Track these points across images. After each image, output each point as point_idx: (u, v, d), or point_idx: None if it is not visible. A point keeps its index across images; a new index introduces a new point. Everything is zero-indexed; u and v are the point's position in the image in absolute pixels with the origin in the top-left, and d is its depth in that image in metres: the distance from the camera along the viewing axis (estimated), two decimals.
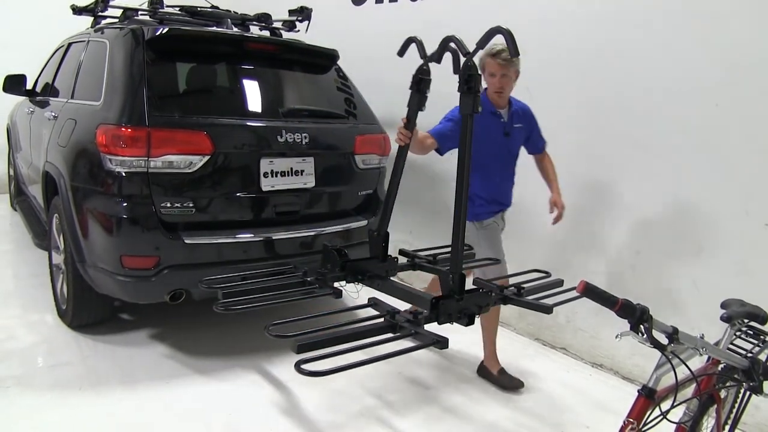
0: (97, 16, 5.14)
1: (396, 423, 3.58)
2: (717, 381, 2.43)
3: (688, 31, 3.86)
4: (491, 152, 3.87)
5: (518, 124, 3.98)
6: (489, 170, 3.91)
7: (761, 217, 3.64)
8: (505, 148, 3.97)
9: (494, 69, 3.73)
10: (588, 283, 1.95)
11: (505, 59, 3.65)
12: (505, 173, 4.06)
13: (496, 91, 3.81)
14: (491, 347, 4.14)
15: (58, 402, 3.52)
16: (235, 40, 4.58)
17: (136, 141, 3.69)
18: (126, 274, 3.80)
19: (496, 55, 3.67)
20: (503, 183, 4.07)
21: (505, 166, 4.04)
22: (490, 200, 4.00)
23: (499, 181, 4.02)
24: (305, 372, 2.22)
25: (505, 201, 4.11)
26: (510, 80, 3.80)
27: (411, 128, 3.39)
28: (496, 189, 4.02)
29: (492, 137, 3.85)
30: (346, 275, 3.42)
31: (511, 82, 3.82)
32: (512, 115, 3.95)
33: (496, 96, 3.84)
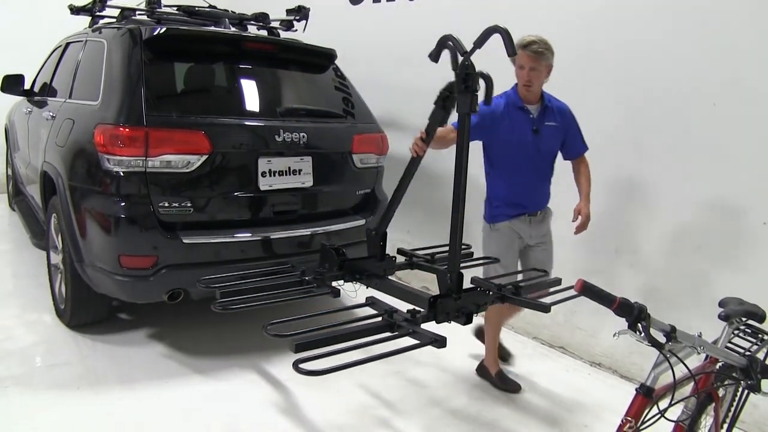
0: (94, 16, 5.14)
1: (394, 422, 3.58)
2: (715, 379, 2.44)
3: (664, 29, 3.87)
4: (517, 150, 3.68)
5: (551, 122, 3.73)
6: (514, 170, 3.73)
7: (760, 216, 3.64)
8: (534, 146, 3.69)
9: (524, 61, 3.55)
10: (586, 281, 1.95)
11: (536, 51, 3.50)
12: (533, 174, 3.78)
13: (524, 85, 3.63)
14: (492, 348, 4.11)
15: (57, 402, 3.52)
16: (233, 39, 4.57)
17: (133, 141, 3.69)
18: (124, 273, 3.79)
19: (526, 47, 3.51)
20: (531, 185, 3.80)
21: (533, 166, 3.76)
22: (510, 202, 3.78)
23: (526, 183, 3.77)
24: (303, 371, 2.22)
25: (528, 204, 3.81)
26: (540, 74, 3.60)
27: (428, 142, 3.28)
28: (520, 191, 3.77)
29: (518, 134, 3.67)
30: (344, 274, 3.42)
31: (542, 76, 3.62)
32: (544, 112, 3.72)
33: (525, 90, 3.65)
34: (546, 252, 3.93)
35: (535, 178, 3.80)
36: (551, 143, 3.77)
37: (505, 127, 3.63)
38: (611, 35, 4.26)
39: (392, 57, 6.11)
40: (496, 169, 3.79)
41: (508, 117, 3.65)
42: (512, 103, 3.67)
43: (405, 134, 6.00)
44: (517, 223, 3.79)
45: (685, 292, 3.99)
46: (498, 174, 3.78)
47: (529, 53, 3.51)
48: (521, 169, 3.73)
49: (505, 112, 3.65)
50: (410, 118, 6.02)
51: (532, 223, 3.83)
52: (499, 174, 3.78)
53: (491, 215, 3.84)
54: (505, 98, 3.70)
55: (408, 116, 6.02)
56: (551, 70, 3.63)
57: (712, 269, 3.87)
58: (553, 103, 3.78)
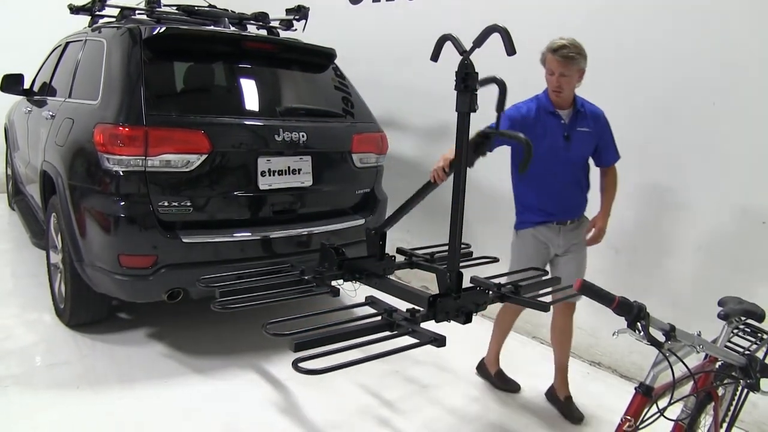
0: (94, 16, 5.14)
1: (394, 421, 3.58)
2: (714, 378, 2.44)
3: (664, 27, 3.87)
4: (547, 156, 3.47)
5: (583, 127, 3.54)
6: (543, 176, 3.54)
7: (759, 215, 3.65)
8: (564, 152, 3.52)
9: (553, 66, 3.38)
10: (585, 280, 1.96)
11: (566, 56, 3.31)
12: (564, 181, 3.59)
13: (554, 91, 3.46)
14: (496, 348, 4.09)
15: (57, 401, 3.52)
16: (233, 39, 4.57)
17: (133, 140, 3.69)
18: (124, 273, 3.80)
19: (556, 51, 3.34)
20: (561, 192, 3.61)
21: (564, 173, 3.58)
22: (538, 209, 3.63)
23: (555, 190, 3.59)
24: (303, 370, 2.22)
25: (557, 211, 3.63)
26: (571, 80, 3.40)
27: (449, 174, 3.13)
28: (549, 198, 3.60)
29: (549, 140, 3.48)
30: (344, 274, 3.42)
31: (573, 81, 3.43)
32: (575, 117, 3.54)
33: (555, 96, 3.48)
34: (574, 262, 3.70)
35: (566, 185, 3.62)
36: (583, 150, 3.61)
37: (535, 133, 3.40)
38: (611, 34, 4.26)
39: (392, 56, 6.11)
40: (525, 175, 3.58)
41: (539, 122, 3.50)
42: (543, 107, 3.52)
43: (404, 134, 6.02)
44: (544, 231, 3.63)
45: (684, 291, 3.99)
46: (527, 180, 3.62)
47: (559, 58, 3.34)
48: (551, 176, 3.55)
49: (537, 117, 3.51)
50: (410, 118, 6.03)
51: (562, 232, 3.64)
52: (527, 180, 3.62)
53: (517, 222, 3.73)
54: (536, 102, 3.55)
55: (407, 116, 6.03)
56: (584, 74, 3.45)
57: (711, 269, 3.87)
58: (586, 107, 3.60)
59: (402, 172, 5.98)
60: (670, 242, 4.08)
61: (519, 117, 3.43)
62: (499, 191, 5.11)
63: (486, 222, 5.16)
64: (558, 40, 3.35)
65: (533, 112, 3.52)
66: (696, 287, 3.94)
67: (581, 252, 3.73)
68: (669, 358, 2.02)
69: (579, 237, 3.69)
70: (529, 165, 3.46)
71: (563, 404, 3.83)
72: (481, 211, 5.07)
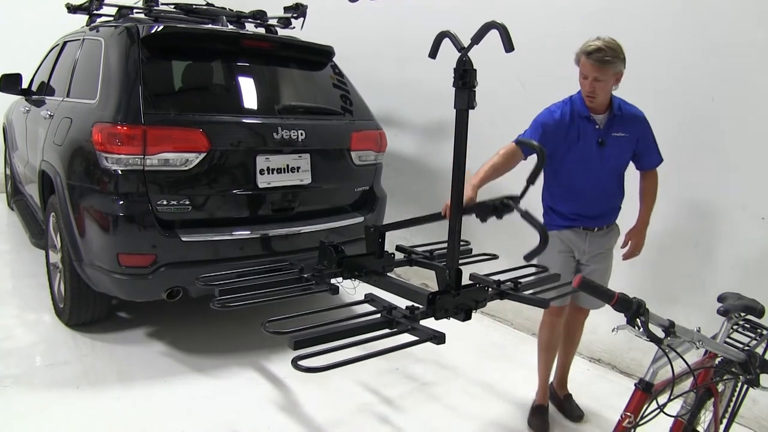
0: (92, 15, 5.13)
1: (394, 419, 3.58)
2: (714, 374, 2.44)
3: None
4: (579, 162, 3.35)
5: (619, 132, 3.33)
6: (574, 182, 3.41)
7: (758, 211, 3.64)
8: (598, 159, 3.34)
9: (587, 71, 3.19)
10: (584, 277, 1.96)
11: (601, 60, 3.10)
12: (596, 188, 3.41)
13: (587, 95, 3.27)
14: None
15: (57, 401, 3.52)
16: (231, 37, 4.56)
17: (131, 139, 3.69)
18: (123, 272, 3.80)
19: (590, 55, 3.13)
20: (592, 199, 3.43)
21: (596, 179, 3.39)
22: (566, 214, 3.47)
23: (586, 196, 3.42)
24: (302, 368, 2.22)
25: (586, 218, 3.46)
26: (606, 85, 3.20)
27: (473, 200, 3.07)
28: (578, 204, 3.44)
29: (582, 145, 3.33)
30: (343, 271, 3.41)
31: (608, 86, 3.22)
32: (612, 122, 3.33)
33: (588, 100, 3.29)
34: (597, 273, 3.50)
35: (598, 191, 3.43)
36: (618, 156, 3.41)
37: (568, 138, 3.33)
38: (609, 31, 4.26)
39: (390, 54, 6.10)
40: (555, 179, 3.47)
41: (572, 127, 3.33)
42: (577, 111, 3.33)
43: (403, 131, 6.02)
44: (570, 235, 3.48)
45: (683, 287, 3.99)
46: (557, 184, 3.48)
47: (593, 62, 3.13)
48: (582, 182, 3.40)
49: (570, 121, 3.33)
50: (408, 115, 6.03)
51: (588, 238, 3.48)
52: (557, 184, 3.47)
53: (545, 223, 3.47)
54: (570, 105, 3.36)
55: (406, 113, 6.03)
56: (621, 77, 3.24)
57: (710, 265, 3.87)
58: (624, 110, 3.37)
59: (401, 170, 5.99)
60: (668, 238, 4.08)
61: (552, 123, 3.30)
62: (498, 188, 5.11)
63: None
64: (593, 41, 3.15)
65: (567, 117, 3.34)
66: (695, 283, 3.93)
67: (606, 262, 3.58)
68: (668, 354, 2.02)
69: (606, 245, 3.53)
70: (561, 170, 3.40)
71: (563, 402, 3.82)
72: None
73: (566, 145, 3.31)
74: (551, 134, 3.28)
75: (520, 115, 4.87)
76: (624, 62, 3.19)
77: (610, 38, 3.15)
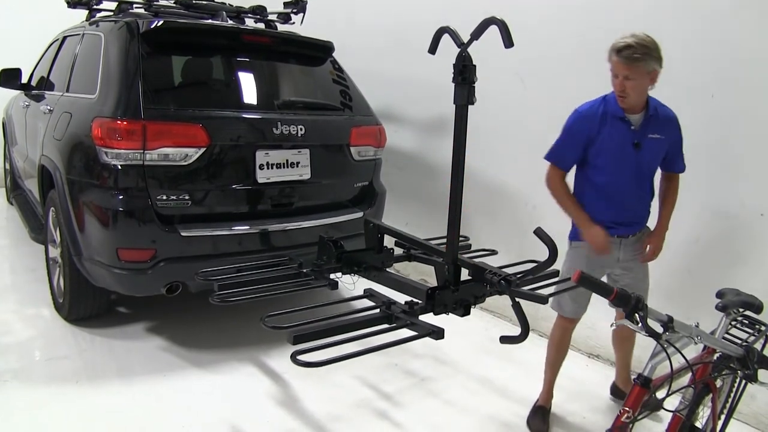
0: (92, 9, 5.12)
1: (392, 414, 3.59)
2: (712, 370, 2.45)
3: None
4: (613, 166, 3.24)
5: (655, 134, 3.20)
6: (608, 187, 3.28)
7: (757, 207, 3.65)
8: (634, 162, 3.22)
9: (617, 69, 3.07)
10: (583, 272, 1.96)
11: (630, 58, 2.97)
12: (630, 192, 3.31)
13: (618, 95, 3.14)
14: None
15: (56, 395, 3.53)
16: (230, 32, 4.56)
17: (131, 134, 3.69)
18: (122, 266, 3.80)
19: (619, 52, 3.01)
20: (626, 204, 3.33)
21: (630, 183, 3.28)
22: (599, 222, 3.30)
23: (620, 201, 3.31)
24: (301, 363, 2.22)
25: (619, 224, 3.34)
26: (639, 84, 3.06)
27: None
28: (612, 210, 3.31)
29: (617, 147, 3.20)
30: (342, 267, 3.41)
31: (642, 85, 3.08)
32: (647, 123, 3.20)
33: (620, 100, 3.15)
34: (633, 278, 3.43)
35: (632, 196, 3.33)
36: (653, 159, 3.30)
37: (599, 140, 3.22)
38: (608, 26, 4.26)
39: (390, 50, 6.10)
40: (588, 184, 3.35)
41: (605, 128, 3.21)
42: (612, 112, 3.20)
43: (403, 127, 6.02)
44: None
45: (682, 283, 3.99)
46: (589, 189, 3.35)
47: (623, 60, 3.01)
48: (616, 187, 3.28)
49: (603, 122, 3.21)
50: (408, 111, 6.03)
51: (622, 245, 3.38)
52: (590, 190, 3.35)
53: (573, 231, 3.45)
54: (604, 105, 3.24)
55: (406, 109, 6.03)
56: (657, 76, 3.09)
57: (709, 261, 3.87)
58: (659, 111, 3.25)
59: (400, 165, 5.99)
60: (668, 234, 4.07)
61: (581, 129, 3.24)
62: (497, 184, 5.12)
63: (484, 215, 5.16)
64: (622, 38, 3.02)
65: (597, 118, 3.23)
66: (694, 279, 3.94)
67: (643, 267, 3.49)
68: (667, 350, 2.02)
69: (639, 250, 3.45)
70: (594, 174, 3.30)
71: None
72: (479, 204, 5.07)
73: (598, 148, 3.22)
74: (583, 139, 3.23)
75: (520, 110, 4.90)
76: (659, 61, 3.04)
77: (644, 35, 3.02)
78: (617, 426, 2.13)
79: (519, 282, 2.82)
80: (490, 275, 2.82)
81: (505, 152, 5.05)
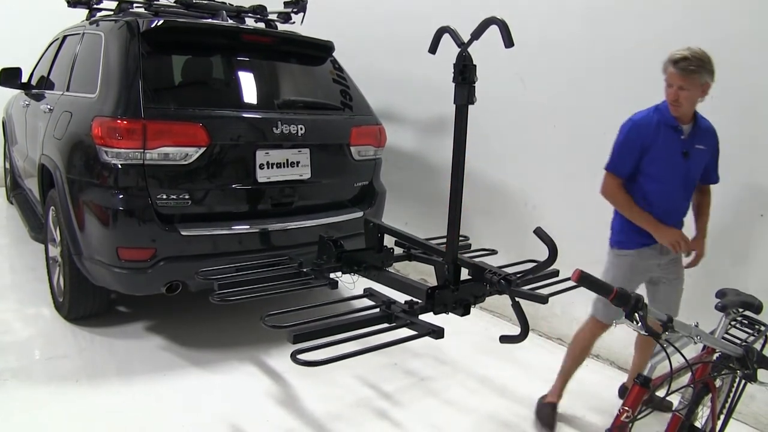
0: (92, 9, 5.12)
1: (392, 413, 3.59)
2: (712, 370, 2.45)
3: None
4: (665, 173, 3.30)
5: (701, 145, 3.32)
6: (656, 195, 3.33)
7: (757, 208, 3.65)
8: (682, 170, 3.30)
9: (672, 79, 3.15)
10: (583, 271, 1.96)
11: (685, 69, 3.07)
12: (675, 201, 3.39)
13: (671, 103, 3.21)
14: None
15: (56, 394, 3.53)
16: (231, 32, 4.57)
17: (131, 133, 3.69)
18: (122, 266, 3.80)
19: (676, 64, 3.10)
20: (671, 212, 3.39)
21: (677, 192, 3.36)
22: (644, 232, 3.35)
23: (666, 210, 3.36)
24: (301, 362, 2.23)
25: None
26: (692, 95, 3.15)
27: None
28: (660, 217, 3.34)
29: (669, 156, 3.27)
30: (342, 266, 3.42)
31: (694, 97, 3.17)
32: (695, 133, 3.31)
33: (673, 109, 3.23)
34: (671, 288, 3.51)
35: (677, 204, 3.41)
36: (698, 168, 3.39)
37: (655, 149, 3.27)
38: (609, 27, 4.26)
39: (390, 49, 6.10)
40: (637, 191, 3.37)
41: (659, 137, 3.27)
42: (665, 120, 3.27)
43: (403, 127, 6.02)
44: (647, 252, 3.40)
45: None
46: (638, 197, 3.36)
47: (679, 71, 3.10)
48: (666, 195, 3.34)
49: (657, 131, 3.27)
50: (408, 111, 6.03)
51: (662, 252, 3.41)
52: (639, 197, 3.36)
53: (618, 240, 3.48)
54: (657, 114, 3.30)
55: (406, 109, 6.03)
56: (708, 89, 3.18)
57: (709, 261, 3.86)
58: (702, 123, 3.36)
59: (400, 165, 5.99)
60: None
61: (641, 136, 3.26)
62: (497, 184, 5.13)
63: (484, 214, 5.17)
64: (679, 50, 3.13)
65: (653, 126, 3.28)
66: (694, 279, 3.93)
67: (682, 275, 3.55)
68: (666, 349, 2.03)
69: (680, 258, 3.50)
70: (643, 183, 3.33)
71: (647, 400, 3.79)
72: (479, 204, 5.07)
73: (651, 156, 3.27)
74: (638, 148, 3.27)
75: (520, 110, 4.90)
76: (712, 74, 3.14)
77: (699, 49, 3.12)
78: (617, 425, 2.13)
79: (519, 282, 2.83)
80: (489, 275, 2.83)
81: (505, 152, 5.05)
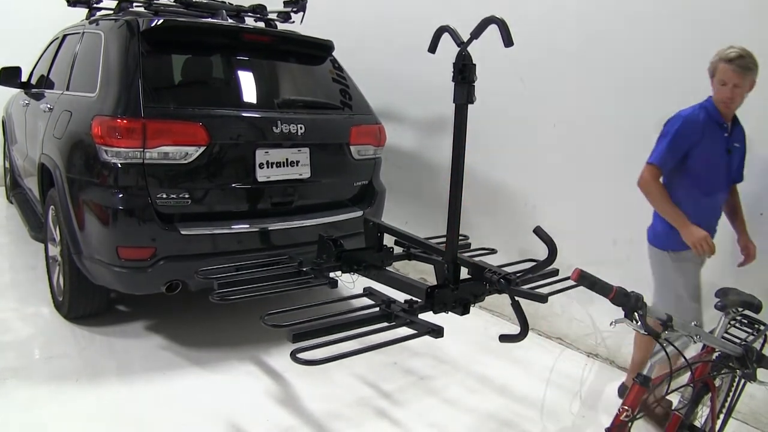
0: (92, 8, 5.12)
1: (391, 412, 3.59)
2: (711, 369, 2.45)
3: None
4: (711, 170, 3.33)
5: (737, 142, 3.39)
6: (703, 192, 3.36)
7: (756, 207, 3.65)
8: (725, 167, 3.37)
9: (727, 77, 3.16)
10: (582, 271, 1.96)
11: (743, 67, 3.11)
12: (718, 198, 3.44)
13: (724, 102, 3.24)
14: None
15: (55, 394, 3.52)
16: (230, 31, 4.57)
17: (131, 132, 3.69)
18: (122, 265, 3.80)
19: (731, 61, 3.12)
20: (715, 209, 3.47)
21: (720, 188, 3.42)
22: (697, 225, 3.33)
23: (711, 206, 3.43)
24: (301, 361, 2.23)
25: (712, 227, 3.45)
26: (743, 92, 3.20)
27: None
28: (708, 213, 3.41)
29: (715, 153, 3.32)
30: (342, 265, 3.42)
31: (744, 93, 3.22)
32: (734, 131, 3.38)
33: (724, 107, 3.27)
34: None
35: (718, 200, 3.46)
36: (738, 165, 3.45)
37: (703, 146, 3.30)
38: (605, 27, 4.26)
39: (390, 48, 6.10)
40: (681, 187, 3.39)
41: (706, 134, 3.30)
42: (712, 118, 3.31)
43: (402, 126, 6.02)
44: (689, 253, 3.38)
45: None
46: (684, 195, 3.38)
47: (736, 69, 3.13)
48: (709, 192, 3.39)
49: (705, 128, 3.29)
50: (408, 110, 6.03)
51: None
52: (685, 195, 3.38)
53: (665, 240, 3.46)
54: (705, 112, 3.32)
55: (405, 108, 6.03)
56: (754, 85, 3.24)
57: (709, 260, 3.87)
58: (738, 121, 3.44)
59: (400, 164, 5.99)
60: None
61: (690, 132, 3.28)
62: (497, 183, 5.13)
63: (484, 214, 5.17)
64: (733, 48, 3.16)
65: (701, 123, 3.30)
66: None
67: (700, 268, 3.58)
68: (666, 348, 2.03)
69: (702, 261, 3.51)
70: (691, 180, 3.35)
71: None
72: (478, 203, 5.07)
73: (699, 153, 3.28)
74: (685, 145, 3.29)
75: (519, 110, 4.90)
76: (758, 71, 3.19)
77: (743, 47, 3.16)
78: (616, 425, 2.13)
79: (518, 281, 2.83)
80: (489, 274, 2.84)
81: (505, 151, 5.05)
